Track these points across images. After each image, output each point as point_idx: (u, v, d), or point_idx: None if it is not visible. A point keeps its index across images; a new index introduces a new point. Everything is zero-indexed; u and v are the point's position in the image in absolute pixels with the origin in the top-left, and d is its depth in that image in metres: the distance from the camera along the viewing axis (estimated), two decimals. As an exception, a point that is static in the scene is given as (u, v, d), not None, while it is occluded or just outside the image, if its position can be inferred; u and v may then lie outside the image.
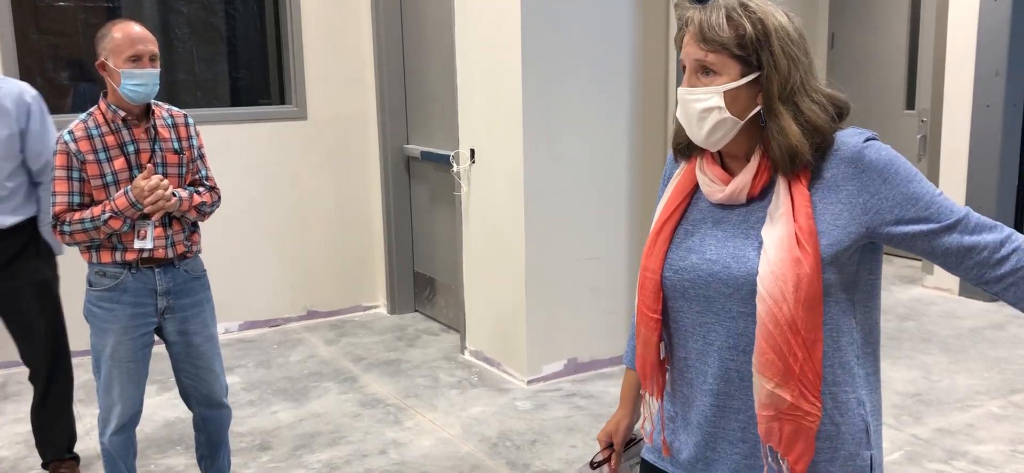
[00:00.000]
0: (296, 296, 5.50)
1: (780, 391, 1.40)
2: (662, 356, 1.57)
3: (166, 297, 2.82)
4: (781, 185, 1.43)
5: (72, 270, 3.67)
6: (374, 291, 5.78)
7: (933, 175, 5.90)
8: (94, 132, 2.73)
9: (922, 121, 6.57)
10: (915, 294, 5.89)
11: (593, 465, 1.77)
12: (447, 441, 3.77)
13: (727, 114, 1.43)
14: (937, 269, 5.92)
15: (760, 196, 1.46)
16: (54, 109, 4.85)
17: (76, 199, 2.73)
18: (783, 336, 1.38)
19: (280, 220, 5.39)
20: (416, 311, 5.71)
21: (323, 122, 5.44)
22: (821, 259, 1.39)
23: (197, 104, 5.21)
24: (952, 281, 5.83)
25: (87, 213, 2.70)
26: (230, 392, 3.20)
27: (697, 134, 1.47)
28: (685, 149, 1.57)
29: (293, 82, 5.34)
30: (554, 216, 4.29)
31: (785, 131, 1.41)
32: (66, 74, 4.94)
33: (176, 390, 3.16)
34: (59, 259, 3.45)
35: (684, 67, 1.48)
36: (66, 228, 2.71)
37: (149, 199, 2.67)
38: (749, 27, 1.41)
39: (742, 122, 1.44)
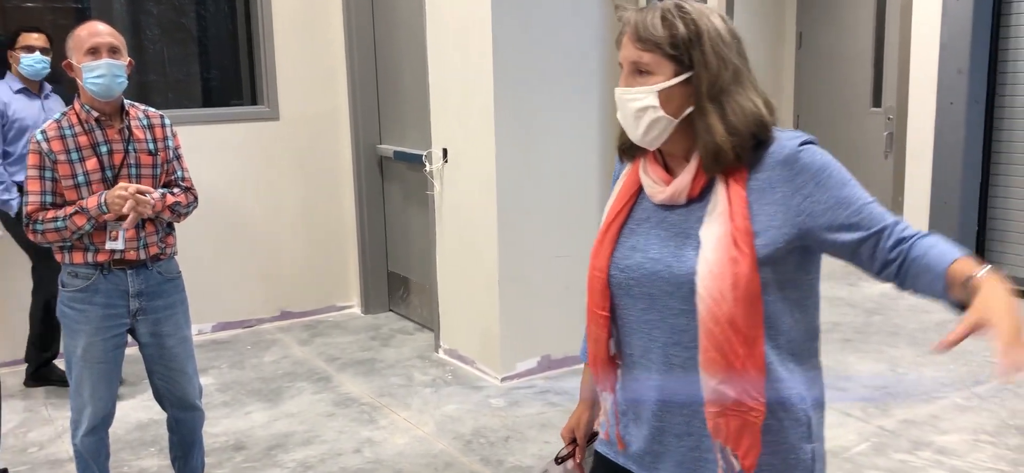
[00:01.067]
0: (269, 297, 5.49)
1: (724, 388, 1.44)
2: (612, 352, 1.61)
3: (138, 299, 2.82)
4: (719, 186, 1.47)
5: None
6: (348, 291, 5.78)
7: (899, 171, 6.01)
8: (67, 132, 2.72)
9: (888, 118, 6.68)
10: (883, 289, 5.99)
11: (558, 460, 1.80)
12: (421, 439, 3.80)
13: (661, 113, 1.48)
14: (903, 264, 6.02)
15: (700, 197, 1.50)
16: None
17: (49, 198, 2.72)
18: (723, 333, 1.42)
19: (253, 221, 5.38)
20: (390, 310, 5.72)
21: (295, 122, 5.43)
22: (757, 258, 1.43)
23: (168, 105, 5.19)
24: (918, 276, 5.92)
25: (60, 212, 2.70)
26: (204, 393, 3.19)
27: (634, 133, 1.53)
28: (629, 150, 1.62)
29: (265, 82, 5.33)
30: (526, 215, 4.33)
31: (711, 129, 1.45)
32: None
33: (149, 391, 3.16)
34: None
35: (622, 67, 1.53)
36: (38, 227, 2.71)
37: (118, 206, 2.67)
38: (681, 27, 1.45)
39: (676, 121, 1.48)
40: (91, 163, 2.73)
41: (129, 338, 2.89)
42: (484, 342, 4.48)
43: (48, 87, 4.41)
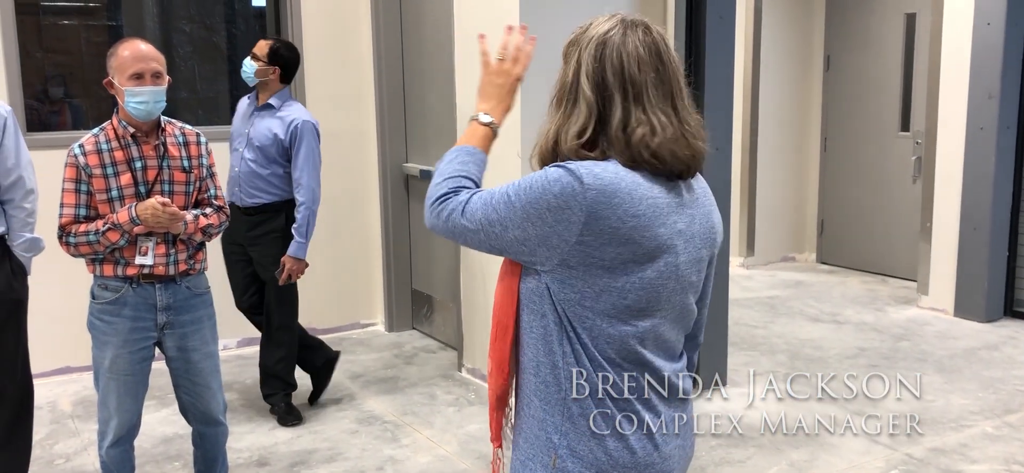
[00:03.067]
0: (294, 313, 5.50)
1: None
2: None
3: (166, 313, 2.85)
4: None
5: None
6: (372, 309, 5.80)
7: (928, 196, 5.95)
8: (104, 147, 2.77)
9: (917, 143, 6.63)
10: (910, 314, 5.92)
11: None
12: (444, 458, 3.79)
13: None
14: (932, 289, 5.96)
15: None
16: (53, 126, 4.90)
17: (82, 211, 2.76)
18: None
19: (279, 237, 5.41)
20: (414, 328, 5.73)
21: (323, 140, 5.44)
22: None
23: (198, 122, 5.24)
24: (947, 302, 5.86)
25: (92, 226, 2.73)
26: (228, 408, 3.21)
27: None
28: None
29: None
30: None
31: (544, 137, 1.60)
32: (63, 91, 4.97)
33: (175, 405, 3.18)
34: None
35: None
36: (71, 240, 2.75)
37: (150, 219, 2.70)
38: (569, 40, 1.61)
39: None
40: (125, 178, 2.76)
41: (156, 352, 2.92)
42: (507, 362, 4.47)
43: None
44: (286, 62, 4.14)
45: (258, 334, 4.35)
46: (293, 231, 4.00)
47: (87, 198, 2.76)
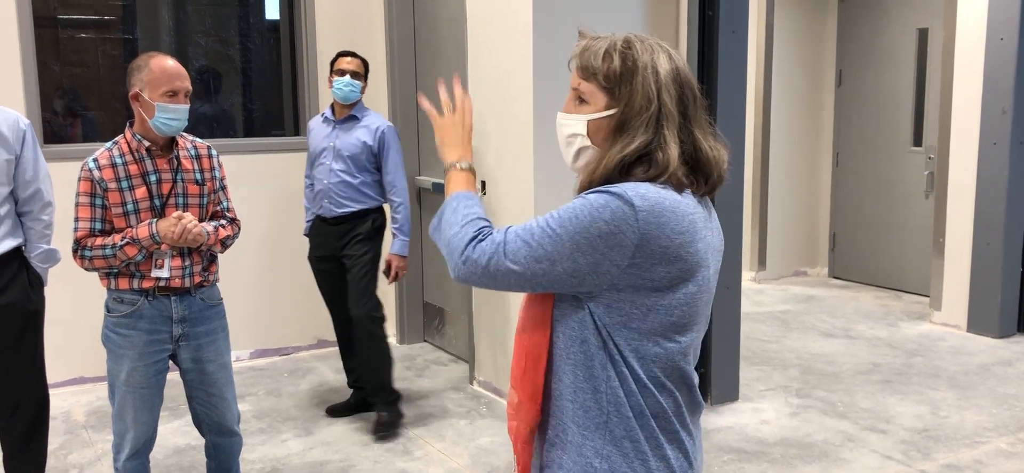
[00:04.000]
0: (306, 325, 5.53)
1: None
2: None
3: (181, 325, 2.86)
4: None
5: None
6: (384, 321, 5.80)
7: (940, 211, 5.93)
8: (118, 161, 2.79)
9: (929, 158, 6.61)
10: (923, 330, 5.90)
11: None
12: (456, 471, 3.79)
13: (589, 143, 1.53)
14: (945, 305, 5.94)
15: None
16: (68, 139, 4.94)
17: (98, 225, 2.78)
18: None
19: (291, 249, 5.43)
20: (425, 341, 5.74)
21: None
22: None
23: (212, 134, 5.29)
24: (960, 317, 5.83)
25: (108, 240, 2.75)
26: (241, 419, 3.22)
27: (566, 158, 1.60)
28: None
29: (307, 114, 5.40)
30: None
31: (602, 159, 1.50)
32: (81, 104, 5.01)
33: (188, 417, 3.19)
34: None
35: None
36: (87, 254, 2.76)
37: (173, 239, 2.73)
38: (618, 63, 1.49)
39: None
40: (140, 192, 2.78)
41: (170, 364, 2.94)
42: (519, 375, 4.47)
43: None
44: (367, 74, 4.32)
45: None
46: (395, 231, 4.20)
47: (102, 212, 2.78)
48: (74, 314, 4.74)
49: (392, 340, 5.74)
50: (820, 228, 7.69)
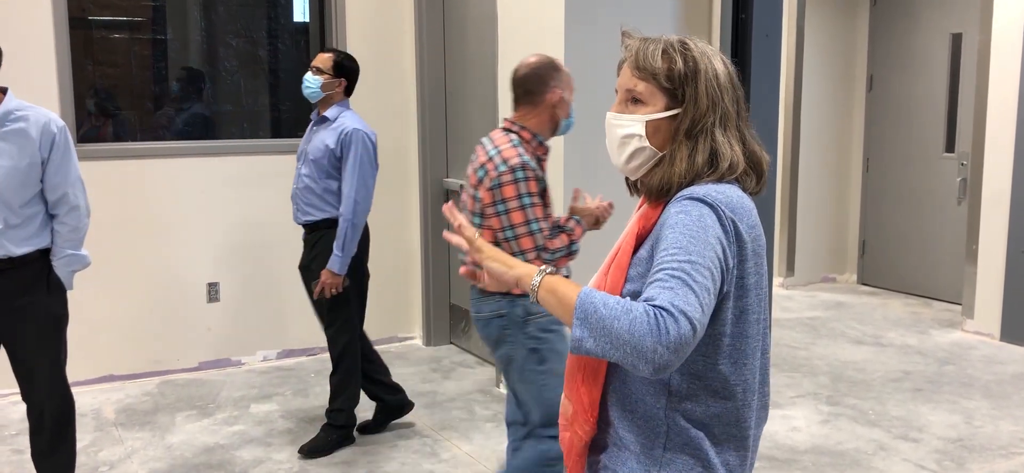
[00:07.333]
0: (333, 326, 5.53)
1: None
2: None
3: None
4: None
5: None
6: (410, 322, 5.81)
7: (974, 219, 5.85)
8: (532, 161, 2.85)
9: (962, 164, 6.53)
10: (954, 338, 5.82)
11: None
12: (483, 474, 3.78)
13: (647, 144, 1.50)
14: (977, 313, 5.85)
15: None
16: (95, 138, 4.97)
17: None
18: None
19: (319, 250, 5.45)
20: (451, 343, 5.73)
21: (364, 154, 5.49)
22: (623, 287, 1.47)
23: (241, 135, 5.31)
24: (993, 326, 5.75)
25: (559, 241, 2.90)
26: (266, 419, 3.22)
27: (617, 160, 1.55)
28: (635, 183, 1.63)
29: (335, 115, 5.41)
30: (590, 251, 4.30)
31: (674, 163, 1.47)
32: (113, 104, 5.05)
33: (216, 415, 3.18)
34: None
35: (617, 93, 1.55)
36: (549, 257, 2.85)
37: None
38: (680, 63, 1.47)
39: (659, 154, 1.50)
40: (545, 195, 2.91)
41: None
42: (547, 378, 4.45)
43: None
44: (350, 73, 3.92)
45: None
46: (334, 245, 3.85)
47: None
48: (104, 312, 4.77)
49: (418, 342, 5.74)
50: (849, 234, 7.61)
